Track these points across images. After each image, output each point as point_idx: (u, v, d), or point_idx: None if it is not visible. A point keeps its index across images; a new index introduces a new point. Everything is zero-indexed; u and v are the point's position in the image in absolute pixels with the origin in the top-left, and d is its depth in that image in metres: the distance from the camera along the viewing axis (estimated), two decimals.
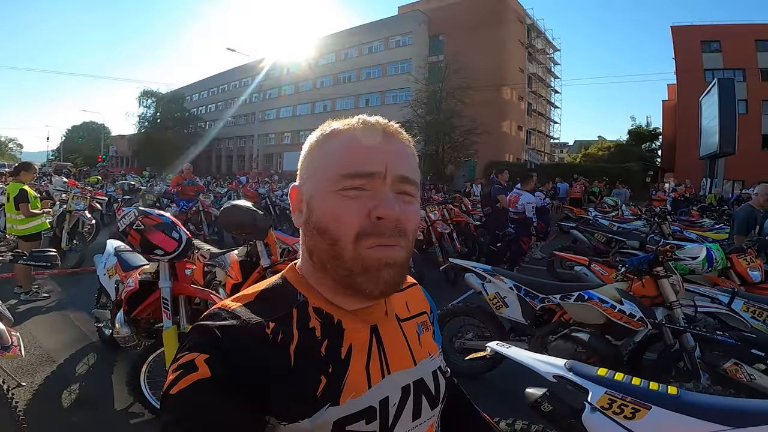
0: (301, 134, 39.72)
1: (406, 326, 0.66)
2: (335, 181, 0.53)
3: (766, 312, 2.75)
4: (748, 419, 1.18)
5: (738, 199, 12.90)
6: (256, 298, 0.57)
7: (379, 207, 0.52)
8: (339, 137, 0.57)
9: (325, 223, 0.53)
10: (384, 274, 0.53)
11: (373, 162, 0.53)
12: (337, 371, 0.53)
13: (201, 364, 0.48)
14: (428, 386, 0.64)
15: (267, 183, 13.08)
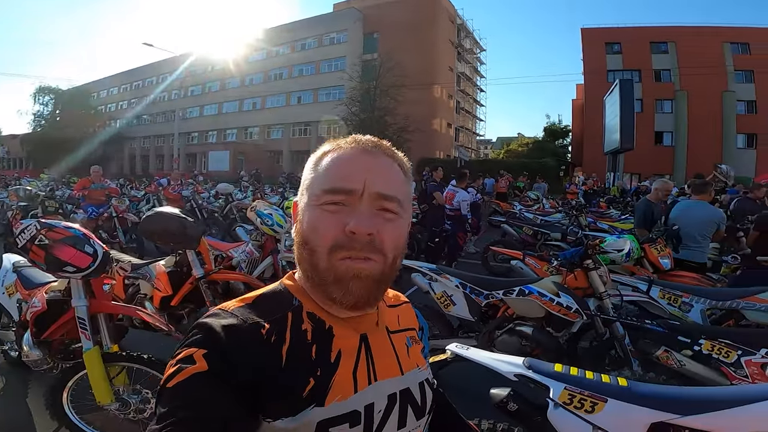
0: (227, 132, 37.94)
1: (396, 338, 0.68)
2: (318, 196, 0.57)
3: (679, 298, 3.07)
4: (695, 407, 1.27)
5: (637, 190, 14.45)
6: (254, 301, 0.60)
7: (352, 222, 0.54)
8: (328, 156, 0.61)
9: (307, 234, 0.58)
10: (353, 285, 0.55)
11: (352, 179, 0.57)
12: (325, 374, 0.56)
13: (199, 359, 0.50)
14: (415, 396, 0.65)
15: (191, 184, 12.16)
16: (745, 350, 2.14)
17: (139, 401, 2.02)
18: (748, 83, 26.57)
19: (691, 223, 4.08)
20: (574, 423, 1.32)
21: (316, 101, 33.23)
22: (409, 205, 0.63)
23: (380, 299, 0.63)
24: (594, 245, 2.91)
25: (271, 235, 3.64)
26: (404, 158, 0.65)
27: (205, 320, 0.55)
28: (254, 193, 11.00)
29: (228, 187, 9.66)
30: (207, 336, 0.52)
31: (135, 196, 9.92)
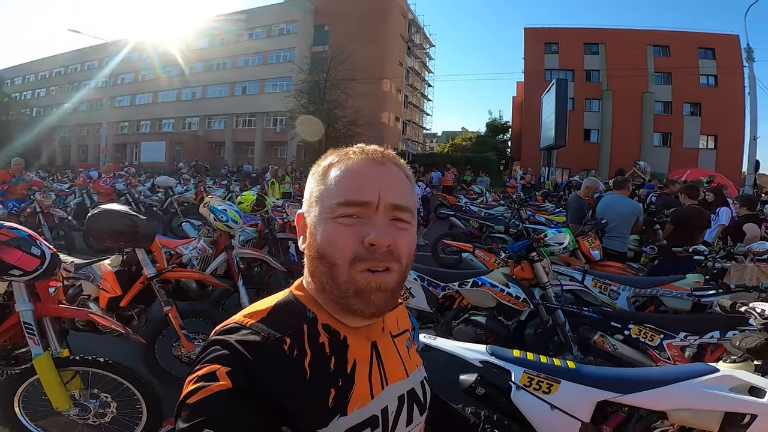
0: (163, 122, 35.55)
1: (398, 341, 0.72)
2: (332, 209, 0.57)
3: (608, 286, 3.42)
4: (631, 387, 1.48)
5: (569, 185, 15.59)
6: (269, 314, 0.60)
7: (371, 234, 0.55)
8: (337, 168, 0.61)
9: (324, 248, 0.58)
10: (375, 297, 0.57)
11: (366, 191, 0.57)
12: (345, 384, 0.58)
13: (222, 376, 0.50)
14: (418, 395, 0.70)
15: (123, 176, 11.29)
16: (666, 334, 2.44)
17: (98, 405, 1.94)
18: (666, 85, 28.50)
19: (614, 216, 4.52)
20: (534, 403, 1.48)
21: (262, 92, 32.04)
22: (416, 213, 0.64)
23: (395, 306, 0.65)
24: (539, 239, 3.16)
25: (225, 231, 3.53)
26: (407, 165, 0.67)
27: (225, 337, 0.55)
28: (197, 186, 10.47)
29: (168, 180, 9.12)
30: (230, 353, 0.52)
31: (62, 189, 9.03)
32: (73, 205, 7.31)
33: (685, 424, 1.47)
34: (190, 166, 20.60)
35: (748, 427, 1.37)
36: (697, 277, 3.20)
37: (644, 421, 1.51)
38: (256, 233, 4.82)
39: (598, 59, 29.57)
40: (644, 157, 22.95)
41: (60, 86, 39.62)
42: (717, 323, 2.33)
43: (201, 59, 34.06)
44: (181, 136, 33.76)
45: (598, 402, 1.50)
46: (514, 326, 3.02)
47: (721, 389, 1.43)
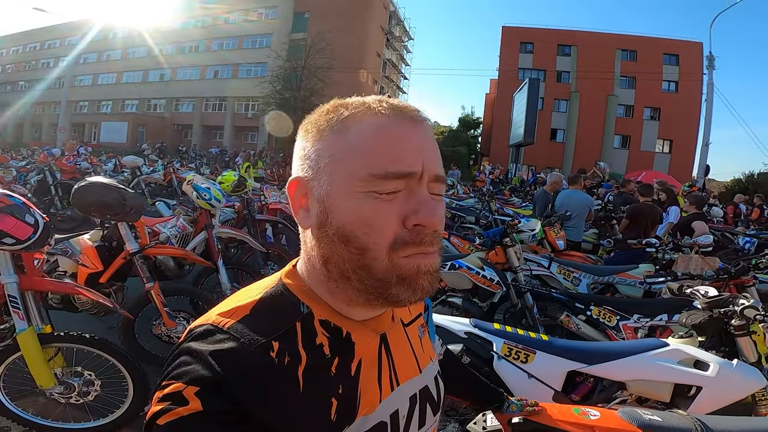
0: (126, 103, 34.06)
1: (410, 331, 0.63)
2: (365, 180, 0.45)
3: (571, 273, 3.70)
4: (597, 358, 1.67)
5: (535, 181, 16.18)
6: (252, 311, 0.49)
7: (419, 213, 0.46)
8: (363, 124, 0.48)
9: (351, 229, 0.46)
10: (423, 282, 0.47)
11: (409, 160, 0.46)
12: (348, 390, 0.49)
13: (191, 397, 0.41)
14: (432, 393, 0.62)
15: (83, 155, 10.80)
16: (622, 316, 2.70)
17: (82, 383, 1.92)
18: (630, 89, 29.26)
19: (570, 208, 4.92)
20: (513, 371, 1.65)
21: (235, 77, 31.20)
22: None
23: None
24: (513, 225, 3.38)
25: (206, 209, 3.52)
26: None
27: (195, 344, 0.45)
28: (165, 167, 10.16)
29: (136, 160, 8.87)
30: (199, 368, 0.43)
31: (21, 166, 8.55)
32: (33, 182, 6.98)
33: (641, 395, 1.65)
34: (155, 148, 19.80)
35: (695, 399, 1.53)
36: (649, 267, 3.53)
37: (607, 391, 1.69)
38: (235, 214, 4.80)
39: (569, 61, 30.10)
40: (605, 158, 23.86)
41: (16, 64, 37.76)
42: (666, 307, 2.60)
43: (173, 41, 32.74)
44: (144, 117, 32.48)
45: (568, 372, 1.68)
46: (486, 308, 3.22)
47: (669, 362, 1.62)
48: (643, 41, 29.29)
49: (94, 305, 2.15)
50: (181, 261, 3.45)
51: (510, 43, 30.83)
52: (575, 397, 1.68)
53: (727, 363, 1.58)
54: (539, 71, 29.39)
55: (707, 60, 15.42)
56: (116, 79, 34.79)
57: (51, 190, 6.59)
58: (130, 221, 2.54)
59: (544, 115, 28.25)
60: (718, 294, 1.82)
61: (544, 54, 30.15)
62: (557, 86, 30.01)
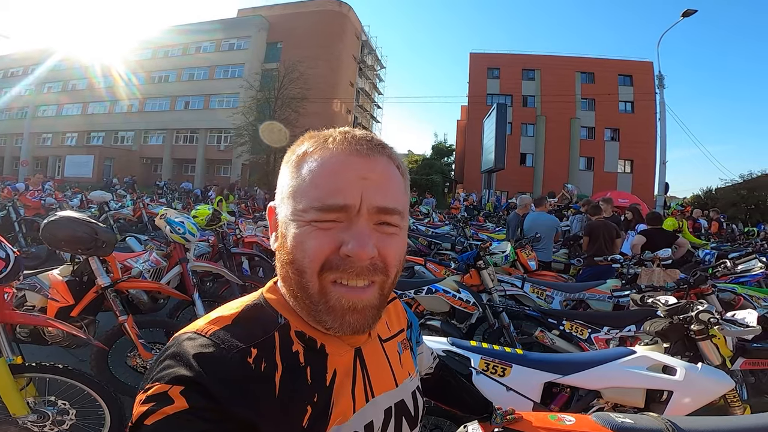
0: (92, 135, 33.00)
1: (388, 347, 0.65)
2: (306, 211, 0.50)
3: (544, 291, 3.83)
4: (570, 368, 1.73)
5: (508, 206, 16.64)
6: (234, 321, 0.53)
7: (348, 244, 0.48)
8: (314, 157, 0.52)
9: (294, 253, 0.51)
10: (349, 318, 0.51)
11: (347, 192, 0.49)
12: (322, 399, 0.52)
13: (176, 396, 0.44)
14: (408, 407, 0.63)
15: (48, 191, 10.49)
16: (593, 329, 2.81)
17: (56, 412, 1.89)
18: (590, 111, 29.92)
19: (539, 230, 5.14)
20: (492, 385, 1.69)
21: (207, 108, 30.86)
22: (407, 212, 0.56)
23: (379, 319, 0.55)
24: (485, 248, 3.49)
25: (180, 243, 3.48)
26: (398, 156, 0.58)
27: (178, 349, 0.48)
28: (135, 202, 9.94)
29: (104, 195, 8.63)
30: (183, 369, 0.46)
31: None
32: None
33: (616, 402, 1.70)
34: (124, 182, 19.34)
35: (667, 404, 1.59)
36: (615, 282, 3.71)
37: (583, 400, 1.74)
38: (210, 248, 4.75)
39: (533, 85, 30.62)
40: (572, 180, 24.58)
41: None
42: (634, 318, 2.72)
43: (142, 70, 32.21)
44: (112, 150, 31.60)
45: (545, 383, 1.73)
46: (465, 330, 3.26)
47: (638, 368, 1.69)
48: (599, 63, 30.30)
49: (66, 338, 2.11)
50: (155, 295, 3.37)
51: (478, 69, 31.33)
52: (554, 408, 1.73)
53: (693, 367, 1.65)
54: (506, 96, 29.91)
55: (657, 79, 15.93)
56: (82, 110, 33.83)
57: (15, 227, 6.33)
58: (101, 255, 2.51)
59: (513, 139, 28.68)
60: (677, 301, 1.94)
61: (510, 79, 30.73)
62: (524, 110, 30.52)
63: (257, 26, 31.56)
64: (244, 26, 31.78)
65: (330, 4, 31.94)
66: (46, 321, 2.00)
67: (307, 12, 31.35)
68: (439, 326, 3.05)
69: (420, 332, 0.89)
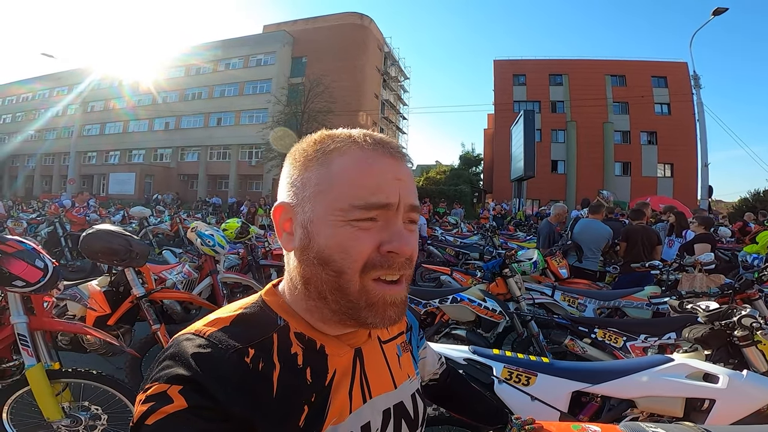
0: (133, 153, 34.49)
1: (387, 348, 0.65)
2: (345, 210, 0.50)
3: (576, 300, 3.68)
4: (601, 377, 1.66)
5: (539, 214, 16.26)
6: (232, 322, 0.53)
7: (393, 242, 0.50)
8: (347, 156, 0.52)
9: (330, 253, 0.50)
10: (390, 312, 0.52)
11: (388, 191, 0.50)
12: (320, 399, 0.52)
13: (175, 395, 0.44)
14: (408, 410, 0.63)
15: (92, 207, 11.14)
16: (629, 337, 2.67)
17: (89, 417, 1.97)
18: (624, 114, 29.10)
19: (588, 238, 4.92)
20: (515, 395, 1.64)
21: (237, 123, 31.64)
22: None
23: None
24: (510, 255, 3.41)
25: (211, 255, 3.61)
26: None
27: (176, 349, 0.49)
28: (172, 217, 10.40)
29: (143, 211, 9.11)
30: (181, 368, 0.46)
31: (33, 218, 8.81)
32: (44, 233, 7.17)
33: (652, 411, 1.62)
34: (171, 199, 20.19)
35: (709, 413, 1.51)
36: (654, 289, 3.51)
37: (616, 410, 1.66)
38: (239, 260, 4.88)
39: (562, 90, 30.07)
40: (607, 186, 23.74)
41: (27, 112, 38.25)
42: (673, 325, 2.57)
43: (176, 88, 33.56)
44: (152, 167, 32.89)
45: (573, 392, 1.66)
46: (493, 339, 3.18)
47: (677, 376, 1.60)
48: (630, 65, 29.48)
49: (102, 345, 2.21)
50: (187, 305, 3.51)
51: (503, 76, 30.97)
52: (583, 418, 1.65)
53: (737, 374, 1.56)
54: (534, 102, 29.50)
55: (693, 79, 15.45)
56: (123, 128, 34.98)
57: (61, 242, 6.74)
58: (136, 266, 2.62)
59: (543, 147, 28.10)
60: (718, 307, 1.83)
61: (537, 85, 30.26)
62: (553, 116, 29.91)
63: (282, 41, 32.30)
64: (269, 42, 32.54)
65: (351, 17, 32.49)
66: (82, 329, 2.10)
67: (328, 26, 31.96)
68: (464, 335, 2.99)
69: (422, 336, 0.87)
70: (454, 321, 3.19)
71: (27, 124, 36.59)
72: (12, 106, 39.77)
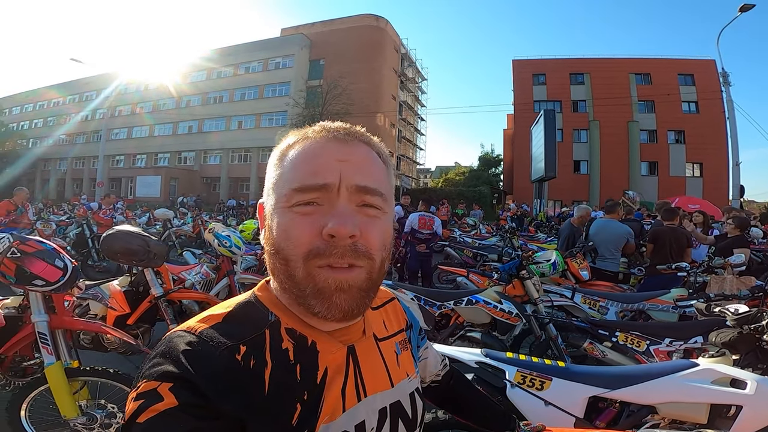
0: (159, 156, 35.57)
1: (384, 346, 0.64)
2: (288, 196, 0.51)
3: (597, 302, 3.56)
4: (620, 382, 1.59)
5: (561, 215, 15.90)
6: (224, 319, 0.53)
7: (329, 222, 0.48)
8: (294, 149, 0.54)
9: (279, 241, 0.51)
10: (337, 299, 0.50)
11: (325, 172, 0.50)
12: (312, 396, 0.51)
13: (165, 393, 0.44)
14: (405, 409, 0.62)
15: (119, 210, 11.48)
16: (652, 340, 2.56)
17: (105, 416, 2.00)
18: (649, 113, 28.51)
19: (605, 238, 4.76)
20: (528, 399, 1.59)
21: (258, 126, 32.16)
22: (392, 199, 0.58)
23: (368, 306, 0.55)
24: (527, 256, 3.33)
25: (228, 256, 3.66)
26: (382, 145, 0.59)
27: (166, 346, 0.49)
28: (194, 219, 10.64)
29: (167, 213, 9.34)
30: (171, 366, 0.46)
31: (62, 220, 9.17)
32: (72, 235, 7.44)
33: (674, 417, 1.55)
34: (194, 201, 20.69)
35: (735, 419, 1.44)
36: (681, 291, 3.36)
37: (635, 416, 1.60)
38: (256, 261, 4.93)
39: (583, 89, 29.62)
40: (633, 187, 23.14)
41: (58, 116, 39.74)
42: (700, 328, 2.45)
43: (198, 92, 34.40)
44: (176, 171, 33.81)
45: (590, 398, 1.61)
46: (509, 342, 3.11)
47: (702, 382, 1.53)
48: (656, 63, 28.82)
49: (122, 344, 2.26)
50: (205, 305, 3.56)
51: (522, 76, 30.63)
52: (600, 424, 1.59)
53: (766, 380, 1.48)
54: (554, 102, 29.09)
55: (721, 77, 15.05)
56: (149, 132, 36.04)
57: (88, 243, 6.96)
58: (154, 266, 2.68)
59: (565, 146, 27.67)
60: (747, 310, 1.74)
61: (558, 84, 29.84)
62: (574, 116, 29.49)
63: (299, 44, 32.68)
64: (287, 45, 32.98)
65: (367, 19, 32.62)
66: (101, 327, 2.15)
67: (345, 28, 32.21)
68: (479, 338, 2.94)
69: (424, 335, 0.85)
70: (469, 323, 3.14)
71: (58, 128, 38.08)
72: (43, 111, 41.35)
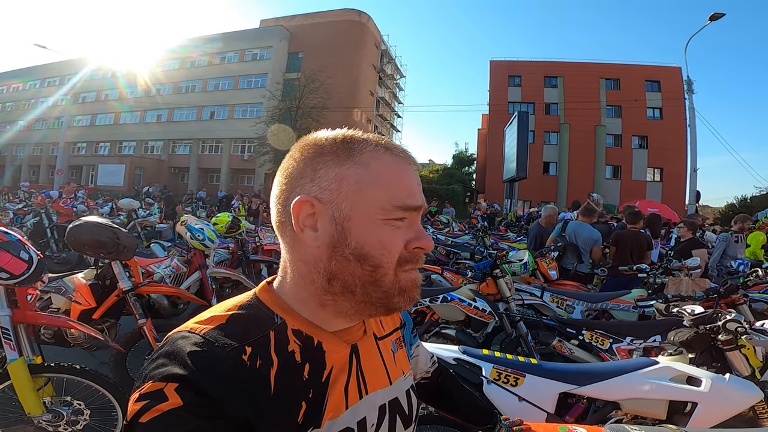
0: (124, 145, 34.00)
1: (383, 345, 0.67)
2: (387, 210, 0.53)
3: (564, 301, 3.72)
4: (587, 379, 1.68)
5: (530, 216, 16.34)
6: (228, 320, 0.53)
7: (420, 240, 0.56)
8: (383, 161, 0.55)
9: (369, 249, 0.53)
10: (414, 293, 0.57)
11: (417, 195, 0.56)
12: (317, 395, 0.53)
13: (171, 394, 0.44)
14: (402, 405, 0.65)
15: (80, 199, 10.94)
16: (615, 339, 2.70)
17: (71, 412, 1.93)
18: (616, 118, 29.22)
19: (578, 239, 4.95)
20: (503, 395, 1.65)
21: (231, 118, 31.32)
22: None
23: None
24: (501, 256, 3.43)
25: (200, 249, 3.57)
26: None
27: (172, 347, 0.49)
28: (161, 210, 10.28)
29: (132, 203, 8.98)
30: (177, 367, 0.46)
31: (18, 209, 8.63)
32: (30, 224, 7.03)
33: (636, 413, 1.64)
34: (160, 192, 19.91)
35: (691, 415, 1.54)
36: (641, 292, 3.56)
37: (601, 411, 1.68)
38: (229, 255, 4.84)
39: (556, 92, 30.14)
40: (597, 189, 23.72)
41: (16, 102, 37.73)
42: (659, 328, 2.60)
43: (170, 81, 33.09)
44: (142, 159, 32.49)
45: (560, 393, 1.68)
46: (482, 339, 3.20)
47: (661, 379, 1.63)
48: (625, 69, 29.56)
49: (86, 339, 2.17)
50: (175, 300, 3.47)
51: (498, 77, 30.96)
52: (569, 419, 1.67)
53: (720, 377, 1.59)
54: (528, 104, 29.48)
55: (686, 84, 15.49)
56: (114, 120, 34.52)
57: (47, 233, 6.62)
58: (123, 259, 2.59)
59: (536, 148, 28.11)
60: (703, 311, 1.85)
61: (532, 86, 30.28)
62: (546, 118, 30.00)
63: (279, 36, 31.94)
64: (266, 37, 32.15)
65: (349, 14, 32.27)
66: (66, 322, 2.06)
67: (326, 22, 31.69)
68: (454, 335, 3.01)
69: (416, 333, 0.88)
70: (443, 320, 3.20)
71: (18, 115, 35.93)
72: (2, 97, 39.10)
